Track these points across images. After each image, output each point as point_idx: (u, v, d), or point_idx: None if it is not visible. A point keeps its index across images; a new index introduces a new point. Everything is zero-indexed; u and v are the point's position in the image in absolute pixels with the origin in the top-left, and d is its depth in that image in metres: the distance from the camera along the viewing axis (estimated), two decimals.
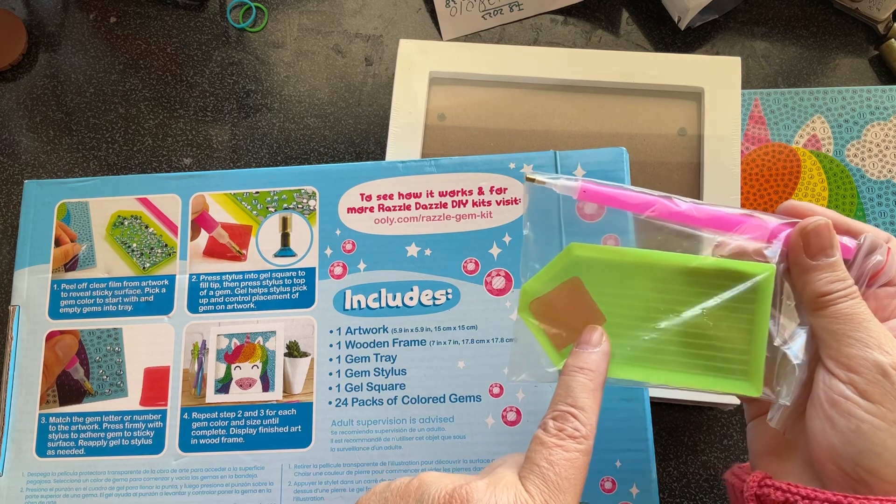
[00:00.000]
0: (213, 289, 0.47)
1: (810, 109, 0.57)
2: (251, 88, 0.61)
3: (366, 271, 0.46)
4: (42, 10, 0.63)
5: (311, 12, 0.62)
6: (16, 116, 0.61)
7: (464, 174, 0.46)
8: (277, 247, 0.47)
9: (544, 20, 0.62)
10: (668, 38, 0.61)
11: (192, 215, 0.48)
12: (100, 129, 0.60)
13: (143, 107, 0.61)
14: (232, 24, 0.62)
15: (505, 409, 0.43)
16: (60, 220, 0.48)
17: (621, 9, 0.62)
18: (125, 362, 0.46)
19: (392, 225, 0.46)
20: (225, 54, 0.61)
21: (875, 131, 0.57)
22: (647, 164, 0.55)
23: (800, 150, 0.57)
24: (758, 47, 0.61)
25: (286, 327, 0.46)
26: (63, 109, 0.61)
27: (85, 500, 0.44)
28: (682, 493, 0.54)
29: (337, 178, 0.47)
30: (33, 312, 0.47)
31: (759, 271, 0.33)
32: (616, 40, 0.61)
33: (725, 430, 0.55)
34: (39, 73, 0.61)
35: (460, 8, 0.61)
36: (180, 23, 0.62)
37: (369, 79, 0.61)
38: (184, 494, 0.44)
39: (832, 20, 0.61)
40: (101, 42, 0.62)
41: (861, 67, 0.60)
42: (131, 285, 0.47)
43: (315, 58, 0.61)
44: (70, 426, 0.45)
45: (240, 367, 0.45)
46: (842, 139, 0.57)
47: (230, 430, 0.44)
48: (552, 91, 0.56)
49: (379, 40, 0.62)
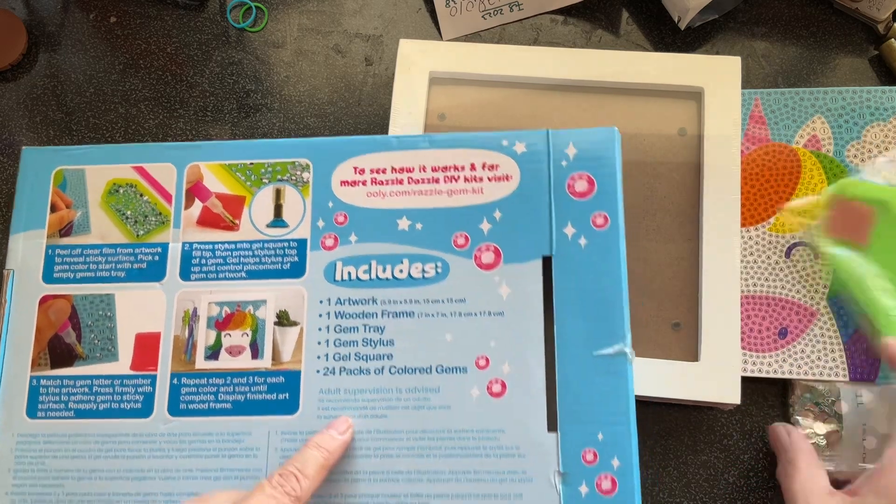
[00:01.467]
0: (206, 257, 0.47)
1: (810, 109, 0.57)
2: (251, 88, 0.61)
3: (357, 243, 0.46)
4: (42, 10, 0.63)
5: (311, 12, 0.63)
6: (16, 116, 0.61)
7: (457, 150, 0.47)
8: (270, 217, 0.47)
9: (544, 20, 0.62)
10: (668, 38, 0.61)
11: (186, 185, 0.48)
12: (100, 129, 0.60)
13: (143, 107, 0.61)
14: (232, 24, 0.62)
15: (490, 381, 0.43)
16: (57, 186, 0.49)
17: (621, 9, 0.62)
18: (117, 327, 0.46)
19: (384, 199, 0.47)
20: (225, 54, 0.62)
21: (875, 132, 0.57)
22: (648, 164, 0.55)
23: (800, 150, 0.57)
24: (758, 47, 0.61)
25: (277, 297, 0.46)
26: (63, 109, 0.61)
27: (74, 462, 0.45)
28: (682, 492, 0.54)
29: (331, 151, 0.48)
30: (27, 277, 0.48)
31: None
32: (616, 40, 0.61)
33: (725, 430, 0.55)
34: (39, 73, 0.62)
35: (460, 8, 0.61)
36: (180, 23, 0.62)
37: (369, 79, 0.61)
38: (171, 458, 0.44)
39: (832, 20, 0.61)
40: (101, 42, 0.62)
41: (861, 67, 0.60)
42: (125, 252, 0.48)
43: (315, 58, 0.62)
44: (61, 389, 0.46)
45: (230, 335, 0.46)
46: (842, 139, 0.57)
47: (219, 396, 0.45)
48: (552, 91, 0.57)
49: (379, 40, 0.62)
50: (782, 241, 0.56)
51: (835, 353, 0.54)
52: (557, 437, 0.42)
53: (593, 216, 0.45)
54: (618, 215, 0.45)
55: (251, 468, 0.44)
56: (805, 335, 0.55)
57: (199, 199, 0.48)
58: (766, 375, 0.54)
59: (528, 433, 0.43)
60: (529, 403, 0.43)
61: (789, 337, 0.54)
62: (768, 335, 0.55)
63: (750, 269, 0.56)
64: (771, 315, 0.55)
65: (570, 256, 0.44)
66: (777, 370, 0.54)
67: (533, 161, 0.46)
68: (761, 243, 0.56)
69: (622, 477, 0.41)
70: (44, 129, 0.61)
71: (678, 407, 0.55)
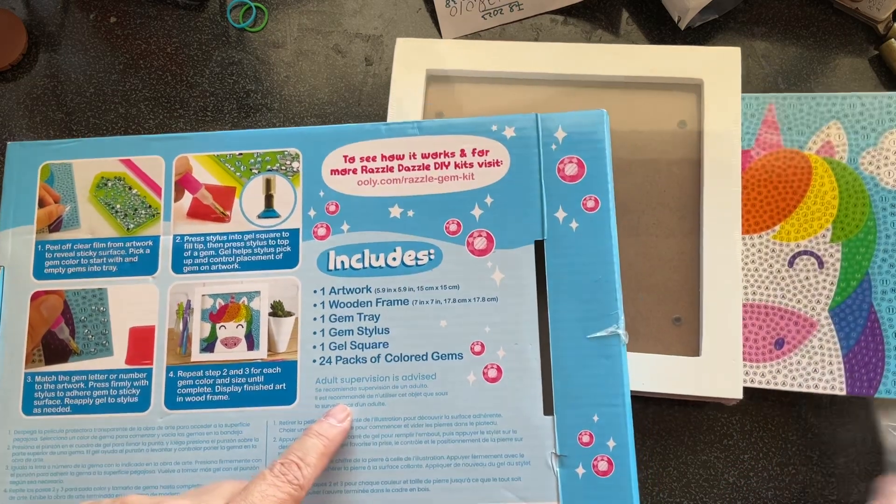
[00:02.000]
0: (198, 249, 0.47)
1: (826, 115, 0.56)
2: (251, 88, 0.61)
3: (349, 232, 0.46)
4: (42, 10, 0.62)
5: (311, 12, 0.62)
6: (16, 116, 0.60)
7: (446, 136, 0.47)
8: (261, 208, 0.47)
9: (544, 20, 0.62)
10: (668, 38, 0.61)
11: (175, 177, 0.48)
12: (100, 129, 0.60)
13: (143, 107, 0.60)
14: (232, 24, 0.61)
15: (486, 366, 0.44)
16: (44, 181, 0.48)
17: (621, 8, 0.62)
18: (110, 322, 0.46)
19: (375, 186, 0.47)
20: (225, 54, 0.61)
21: (893, 139, 0.55)
22: (648, 159, 0.55)
23: (812, 157, 0.56)
24: (758, 47, 0.61)
25: (270, 287, 0.46)
26: (63, 109, 0.60)
27: (72, 458, 0.45)
28: (682, 493, 0.55)
29: (320, 140, 0.48)
30: (18, 273, 0.47)
31: None
32: (616, 40, 0.61)
33: (725, 430, 0.55)
34: (39, 73, 0.61)
35: (460, 8, 0.60)
36: (180, 23, 0.62)
37: (369, 79, 0.61)
38: (170, 451, 0.44)
39: (832, 20, 0.61)
40: (101, 42, 0.61)
41: (861, 67, 0.60)
42: (115, 246, 0.47)
43: (315, 58, 0.61)
44: (56, 385, 0.46)
45: (225, 327, 0.46)
46: (857, 146, 0.55)
47: (215, 387, 0.45)
48: (549, 86, 0.56)
49: (379, 40, 0.61)
50: (786, 249, 0.55)
51: (833, 365, 0.53)
52: (553, 419, 0.43)
53: (584, 199, 0.45)
54: (608, 197, 0.45)
55: (250, 459, 0.44)
56: (803, 346, 0.53)
57: (189, 191, 0.48)
58: (759, 386, 0.53)
59: (524, 417, 0.43)
60: (525, 387, 0.43)
61: (786, 347, 0.53)
62: (764, 345, 0.54)
63: (750, 277, 0.55)
64: (768, 325, 0.54)
65: (562, 240, 0.45)
66: (771, 381, 0.53)
67: (523, 146, 0.46)
68: (764, 251, 0.55)
69: (618, 458, 0.42)
70: (43, 129, 0.60)
71: (678, 406, 0.55)
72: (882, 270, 0.54)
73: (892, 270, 0.53)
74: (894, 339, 0.53)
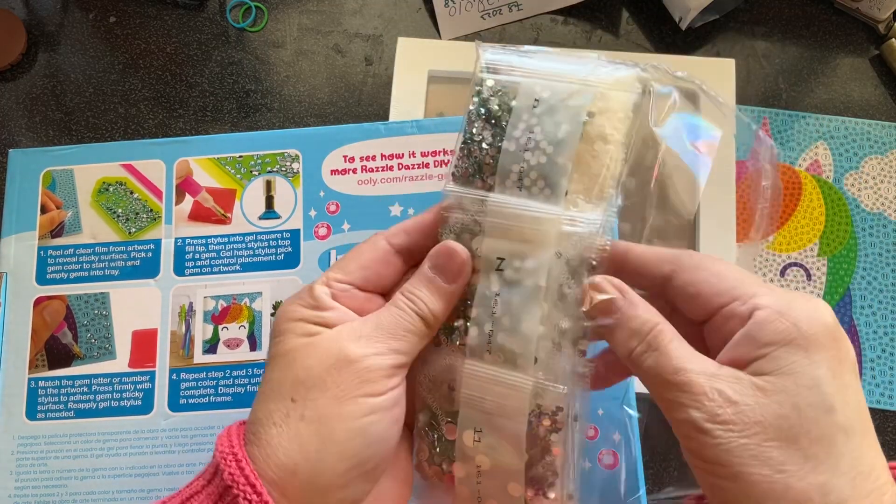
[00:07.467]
0: (199, 252, 0.47)
1: (815, 135, 0.58)
2: (251, 88, 0.61)
3: (350, 231, 0.46)
4: (42, 9, 0.62)
5: (311, 12, 0.62)
6: (15, 116, 0.61)
7: (445, 134, 0.47)
8: (262, 209, 0.47)
9: (544, 20, 0.62)
10: (669, 38, 0.61)
11: (176, 180, 0.48)
12: (100, 129, 0.60)
13: (143, 107, 0.61)
14: (232, 24, 0.62)
15: None
16: (46, 187, 0.49)
17: (621, 9, 0.62)
18: (113, 326, 0.46)
19: (375, 185, 0.47)
20: (225, 54, 0.61)
21: (872, 164, 0.57)
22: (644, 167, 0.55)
23: (802, 173, 0.57)
24: (758, 47, 0.61)
25: (272, 288, 0.46)
26: (63, 109, 0.61)
27: (76, 462, 0.45)
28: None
29: (320, 140, 0.48)
30: (21, 279, 0.47)
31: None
32: (616, 40, 0.61)
33: None
34: (39, 72, 0.61)
35: (459, 8, 0.60)
36: (180, 23, 0.62)
37: (369, 79, 0.61)
38: (174, 453, 0.44)
39: (833, 20, 0.61)
40: (100, 42, 0.62)
41: (861, 67, 0.60)
42: (117, 250, 0.47)
43: (315, 57, 0.61)
44: (59, 389, 0.46)
45: (227, 328, 0.46)
46: (841, 168, 0.58)
47: (218, 389, 0.45)
48: None
49: (379, 40, 0.62)
50: (778, 259, 0.56)
51: None
52: None
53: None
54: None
55: None
56: None
57: (190, 194, 0.48)
58: None
59: None
60: None
61: None
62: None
63: None
64: None
65: None
66: None
67: None
68: (758, 260, 0.56)
69: (623, 451, 0.42)
70: (43, 129, 0.60)
71: None
72: (861, 287, 0.56)
73: (870, 287, 0.56)
74: (871, 351, 0.55)
